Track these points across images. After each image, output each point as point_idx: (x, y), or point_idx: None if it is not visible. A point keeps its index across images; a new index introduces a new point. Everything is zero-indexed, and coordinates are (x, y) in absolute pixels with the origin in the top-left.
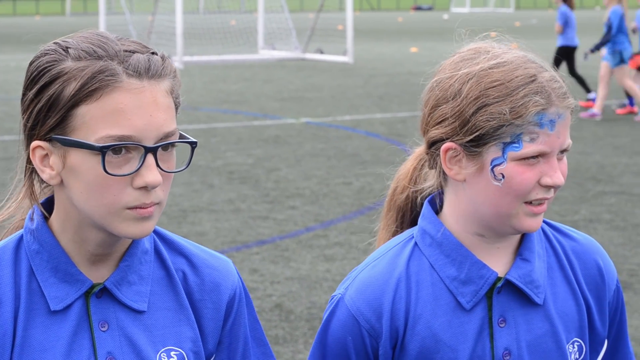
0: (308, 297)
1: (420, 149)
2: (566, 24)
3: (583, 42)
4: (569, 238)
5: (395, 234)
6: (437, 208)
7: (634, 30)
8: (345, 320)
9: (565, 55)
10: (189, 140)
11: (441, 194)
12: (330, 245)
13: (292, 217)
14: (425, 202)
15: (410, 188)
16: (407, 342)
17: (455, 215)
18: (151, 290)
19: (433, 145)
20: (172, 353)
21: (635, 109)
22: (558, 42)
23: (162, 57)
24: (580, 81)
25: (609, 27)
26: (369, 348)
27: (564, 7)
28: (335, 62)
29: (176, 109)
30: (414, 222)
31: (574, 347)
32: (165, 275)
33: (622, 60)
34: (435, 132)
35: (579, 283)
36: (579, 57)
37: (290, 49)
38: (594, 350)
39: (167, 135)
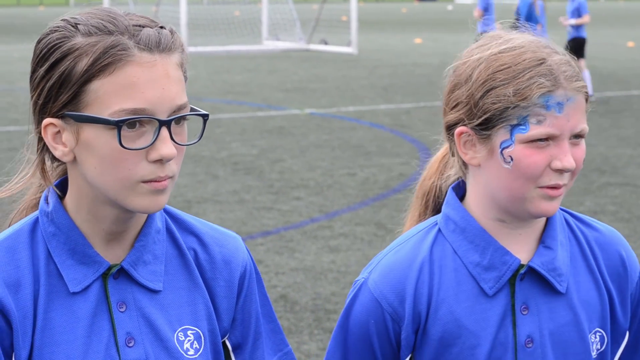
0: (313, 288)
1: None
2: (486, 9)
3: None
4: (592, 228)
5: (418, 221)
6: (461, 195)
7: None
8: (368, 304)
9: None
10: (201, 112)
11: (464, 181)
12: (335, 236)
13: (296, 208)
14: (449, 189)
15: (437, 176)
16: (429, 327)
17: (476, 201)
18: (165, 269)
19: (449, 130)
20: (188, 332)
21: None
22: (478, 28)
23: (171, 31)
24: None
25: (518, 16)
26: (391, 332)
27: None
28: (339, 53)
29: (185, 81)
30: (437, 211)
31: (596, 337)
32: (177, 254)
33: None
34: (451, 117)
35: (601, 273)
36: None
37: (295, 40)
38: (615, 341)
39: (180, 108)
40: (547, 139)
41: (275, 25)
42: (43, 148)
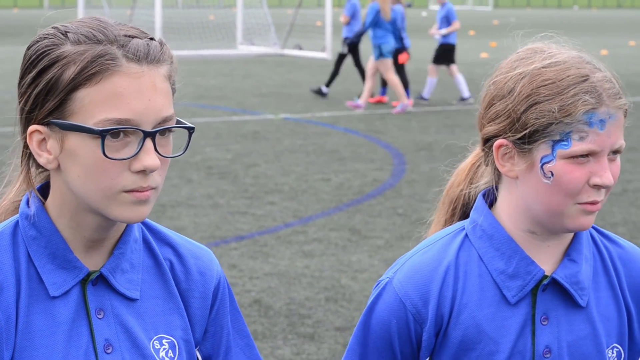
0: (287, 293)
1: (479, 147)
2: (353, 16)
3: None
4: (616, 245)
5: (444, 226)
6: (489, 203)
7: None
8: (392, 304)
9: (351, 47)
10: (187, 125)
11: (494, 189)
12: (309, 241)
13: (270, 212)
14: (479, 196)
15: (466, 183)
16: (450, 330)
17: (507, 211)
18: (142, 278)
19: (487, 141)
20: (164, 341)
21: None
22: (343, 33)
23: (160, 43)
24: (363, 74)
25: (365, 21)
26: (412, 333)
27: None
28: (314, 58)
29: (173, 94)
30: (464, 217)
31: (613, 353)
32: (154, 265)
33: (382, 54)
34: (489, 129)
35: (622, 289)
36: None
37: (269, 45)
38: (631, 357)
39: (165, 120)
40: (588, 155)
41: (249, 30)
42: (29, 155)
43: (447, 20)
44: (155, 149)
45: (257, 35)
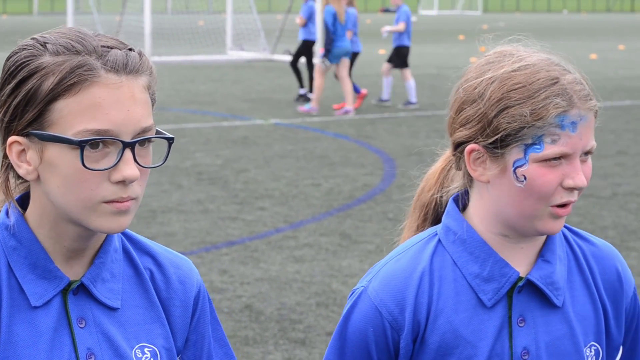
0: (278, 298)
1: (449, 151)
2: (310, 18)
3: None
4: (589, 243)
5: (416, 232)
6: (461, 207)
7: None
8: (367, 312)
9: (305, 48)
10: (166, 136)
11: (466, 193)
12: (300, 247)
13: (261, 218)
14: (450, 200)
15: (437, 188)
16: (427, 336)
17: (479, 215)
18: (122, 287)
19: (458, 147)
20: (145, 349)
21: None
22: (300, 35)
23: (140, 54)
24: (298, 75)
25: (327, 26)
26: (389, 340)
27: (311, 2)
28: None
29: (152, 105)
30: (436, 222)
31: (591, 351)
32: (134, 274)
33: (333, 57)
34: (460, 134)
35: (597, 287)
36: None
37: (259, 50)
38: (609, 355)
39: (145, 131)
40: (560, 157)
41: (239, 35)
42: (7, 165)
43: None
44: (135, 160)
45: (246, 40)
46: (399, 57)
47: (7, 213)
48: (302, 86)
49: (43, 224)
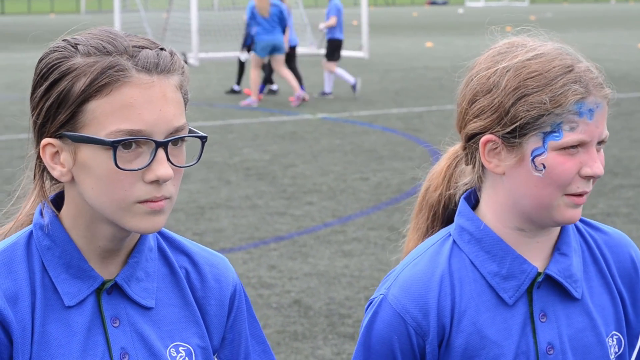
0: (327, 293)
1: (454, 148)
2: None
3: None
4: (601, 232)
5: (426, 233)
6: (472, 205)
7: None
8: (390, 320)
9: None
10: (199, 134)
11: (476, 191)
12: (348, 241)
13: (309, 213)
14: (461, 199)
15: (444, 186)
16: (452, 339)
17: (493, 210)
18: (157, 287)
19: (471, 139)
20: (180, 348)
21: (259, 96)
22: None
23: (171, 53)
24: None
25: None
26: (415, 347)
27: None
28: (350, 57)
29: (185, 104)
30: (448, 221)
31: (613, 341)
32: (169, 273)
33: (255, 50)
34: (474, 126)
35: (612, 276)
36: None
37: (306, 45)
38: (630, 344)
39: (177, 130)
40: (578, 145)
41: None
42: (43, 169)
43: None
44: (168, 159)
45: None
46: (330, 49)
47: (41, 213)
48: (238, 82)
49: (78, 225)
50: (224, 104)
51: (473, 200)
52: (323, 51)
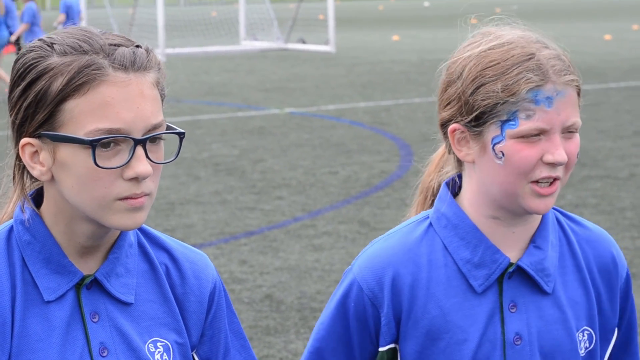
0: (298, 287)
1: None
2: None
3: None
4: (581, 227)
5: None
6: (454, 191)
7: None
8: (350, 287)
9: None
10: (177, 131)
11: (458, 177)
12: (319, 235)
13: (279, 207)
14: (443, 185)
15: (435, 173)
16: (416, 319)
17: (469, 197)
18: (137, 282)
19: (443, 127)
20: (158, 344)
21: None
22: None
23: (147, 50)
24: None
25: None
26: (369, 316)
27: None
28: (317, 51)
29: (162, 100)
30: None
31: (583, 336)
32: (149, 269)
33: None
34: (444, 114)
35: (590, 271)
36: None
37: (272, 40)
38: (604, 339)
39: (155, 127)
40: (539, 133)
41: (252, 25)
42: (22, 167)
43: (27, 18)
44: (147, 156)
45: (260, 30)
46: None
47: (21, 208)
48: None
49: (58, 222)
50: (192, 100)
51: (456, 187)
52: (291, 46)
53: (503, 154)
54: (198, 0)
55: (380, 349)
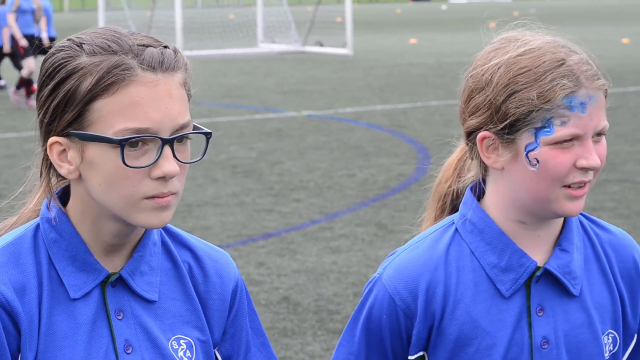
0: (315, 289)
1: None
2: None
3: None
4: (605, 231)
5: (435, 222)
6: (477, 196)
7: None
8: (381, 300)
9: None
10: (204, 131)
11: (482, 182)
12: (336, 237)
13: (296, 209)
14: (467, 190)
15: (454, 179)
16: (445, 326)
17: (496, 203)
18: (160, 280)
19: (470, 135)
20: (181, 341)
21: None
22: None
23: (175, 51)
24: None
25: None
26: (402, 327)
27: None
28: (335, 54)
29: (189, 100)
30: (453, 212)
31: (608, 339)
32: (172, 267)
33: None
34: (471, 122)
35: (614, 275)
36: None
37: (290, 42)
38: (625, 343)
39: (182, 127)
40: (572, 139)
41: (270, 28)
42: (49, 166)
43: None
44: (174, 155)
45: (277, 33)
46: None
47: (47, 207)
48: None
49: (84, 220)
50: (210, 102)
51: (479, 192)
52: (308, 48)
53: (538, 161)
54: (216, 2)
55: (410, 358)
